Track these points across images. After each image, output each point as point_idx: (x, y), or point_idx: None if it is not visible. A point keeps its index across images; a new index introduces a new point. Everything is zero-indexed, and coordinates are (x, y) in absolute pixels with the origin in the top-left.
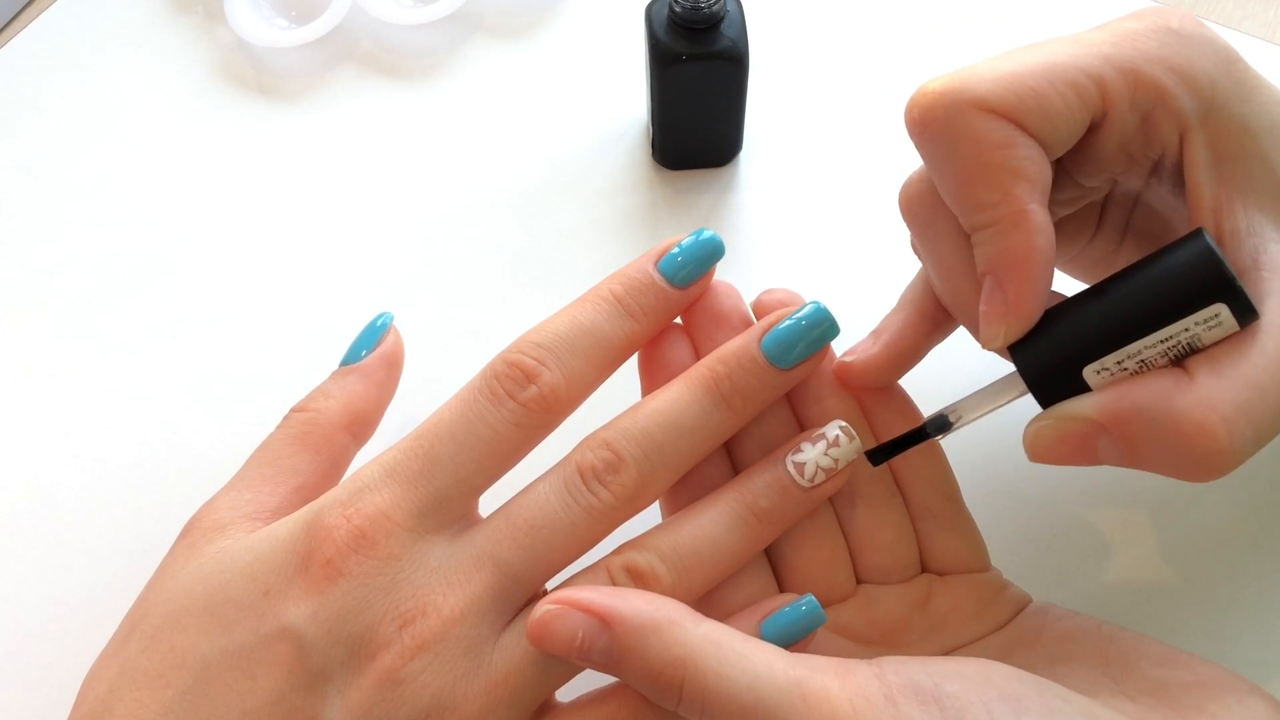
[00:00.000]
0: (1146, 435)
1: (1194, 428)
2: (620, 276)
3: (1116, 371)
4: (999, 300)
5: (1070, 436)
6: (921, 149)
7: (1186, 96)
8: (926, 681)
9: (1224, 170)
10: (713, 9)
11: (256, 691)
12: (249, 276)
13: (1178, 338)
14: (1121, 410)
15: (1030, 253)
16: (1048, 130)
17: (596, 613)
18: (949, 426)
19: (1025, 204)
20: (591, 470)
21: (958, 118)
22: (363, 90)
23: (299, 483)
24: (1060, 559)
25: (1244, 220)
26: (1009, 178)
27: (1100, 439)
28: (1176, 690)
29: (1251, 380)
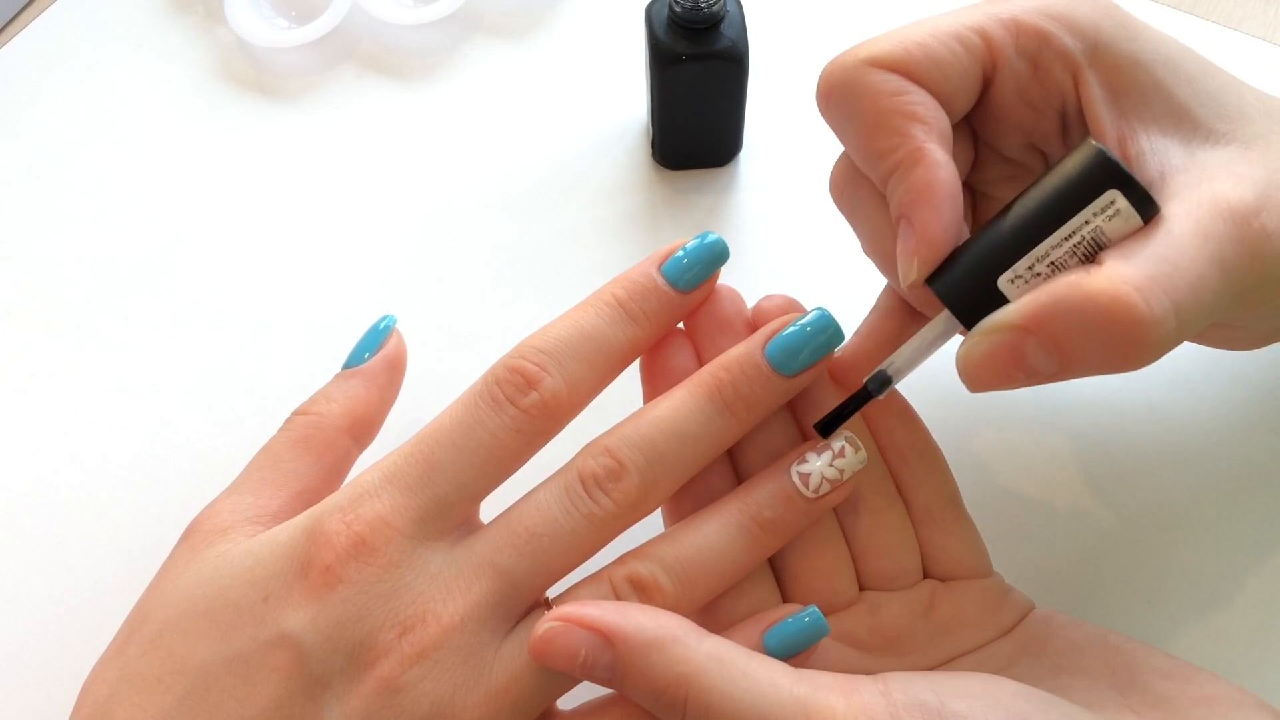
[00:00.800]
0: (1069, 326)
1: (1110, 300)
2: (623, 280)
3: (1030, 278)
4: (909, 236)
5: (999, 350)
6: (828, 118)
7: (1070, 37)
8: (932, 700)
9: (1120, 103)
10: (713, 9)
11: (256, 698)
12: (249, 277)
13: (1081, 233)
14: (1040, 307)
15: (931, 184)
16: (939, 79)
17: (599, 630)
18: (889, 380)
19: (922, 143)
20: (593, 477)
21: (853, 76)
22: (363, 90)
23: (300, 487)
24: (1059, 562)
25: (1146, 143)
26: (904, 121)
27: (1028, 344)
28: (1183, 705)
29: (1160, 255)
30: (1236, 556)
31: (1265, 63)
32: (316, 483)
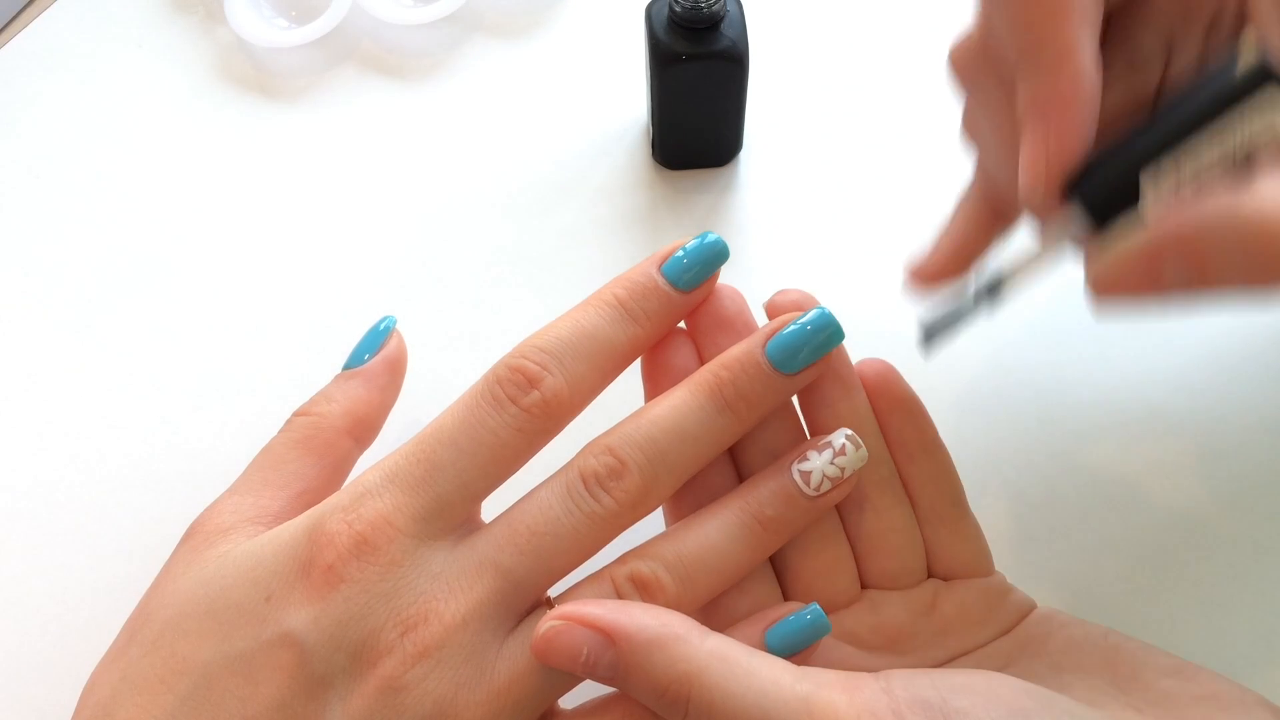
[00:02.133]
0: (1213, 244)
1: (1261, 222)
2: (624, 280)
3: (1176, 179)
4: (1041, 135)
5: (1136, 260)
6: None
7: None
8: (934, 696)
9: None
10: (713, 9)
11: (258, 697)
12: (250, 277)
13: (1232, 139)
14: (1184, 221)
15: (1076, 86)
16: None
17: (601, 628)
18: (999, 288)
19: (1074, 36)
20: (594, 476)
21: None
22: (363, 90)
23: (301, 487)
24: (1061, 561)
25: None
26: (1060, 7)
27: (1166, 258)
28: (1184, 702)
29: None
30: (1238, 556)
31: None
32: (317, 483)
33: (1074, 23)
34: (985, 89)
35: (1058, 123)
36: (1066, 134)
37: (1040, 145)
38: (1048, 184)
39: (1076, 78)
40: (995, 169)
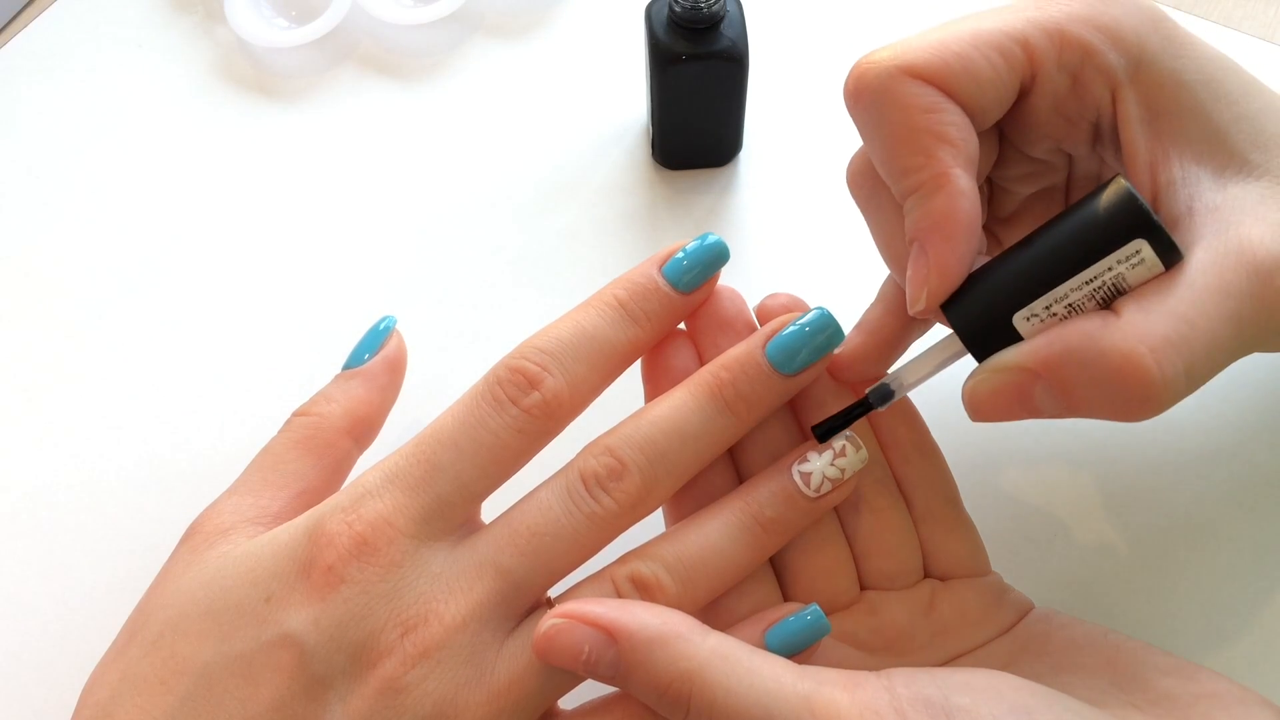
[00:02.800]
0: (1078, 377)
1: (1122, 360)
2: (624, 281)
3: (1045, 318)
4: (923, 263)
5: (1006, 388)
6: (856, 119)
7: (1114, 53)
8: (936, 694)
9: (1157, 124)
10: (713, 9)
11: (258, 698)
12: (249, 277)
13: (1102, 278)
14: (1052, 354)
15: (952, 214)
16: (975, 94)
17: (603, 626)
18: (891, 394)
19: (948, 168)
20: (594, 477)
21: (887, 84)
22: (363, 90)
23: (301, 487)
24: (1059, 561)
25: (1179, 171)
26: (933, 142)
27: (1035, 387)
28: (1185, 701)
29: (1179, 314)
30: (1237, 556)
31: (1265, 63)
32: (317, 483)
33: (945, 156)
34: (879, 206)
35: (935, 249)
36: (945, 258)
37: (921, 269)
38: (929, 305)
39: (950, 206)
40: (886, 258)
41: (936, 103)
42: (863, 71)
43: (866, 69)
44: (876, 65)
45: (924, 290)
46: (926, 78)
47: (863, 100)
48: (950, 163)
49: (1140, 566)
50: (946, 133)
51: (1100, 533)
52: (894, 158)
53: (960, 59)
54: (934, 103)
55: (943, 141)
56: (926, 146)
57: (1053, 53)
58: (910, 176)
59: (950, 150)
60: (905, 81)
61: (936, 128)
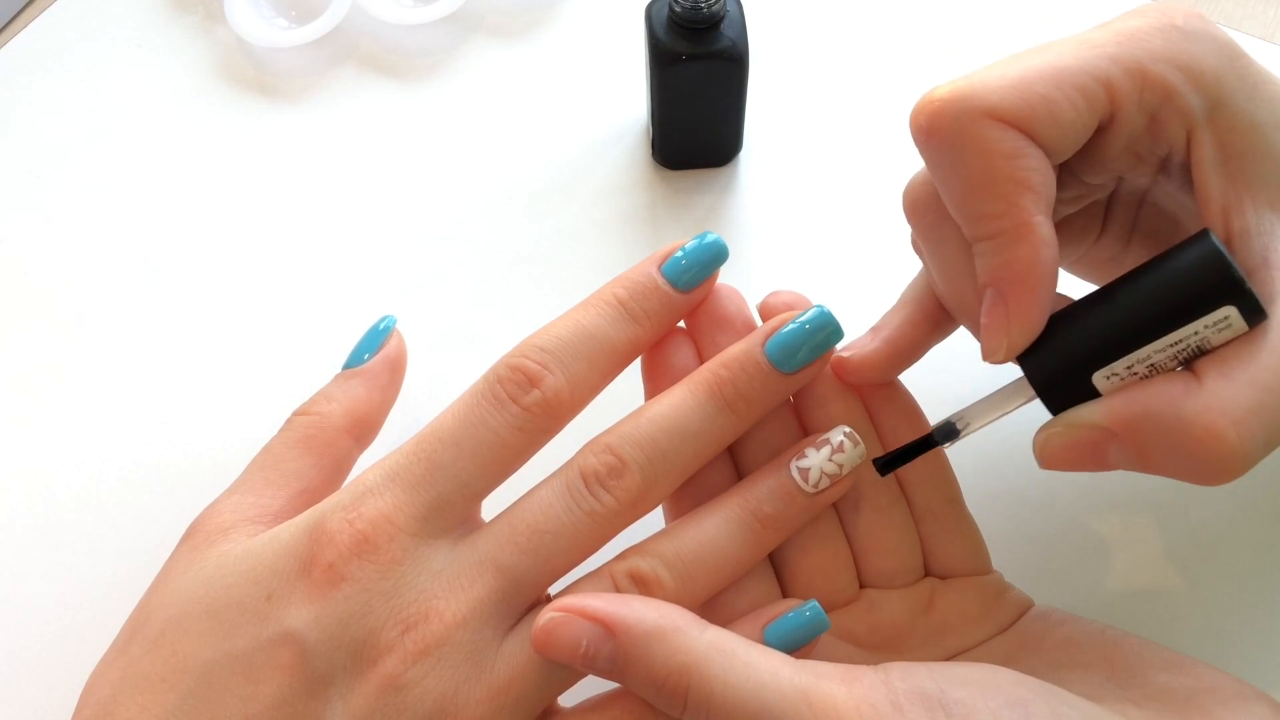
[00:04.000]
0: (1157, 441)
1: (1204, 432)
2: (623, 280)
3: (1126, 376)
4: (1001, 314)
5: (1081, 444)
6: (927, 157)
7: (1193, 94)
8: (933, 688)
9: (1232, 167)
10: (713, 9)
11: (259, 696)
12: (249, 277)
13: (1187, 341)
14: (1131, 416)
15: (1034, 266)
16: (1056, 136)
17: (601, 620)
18: (956, 434)
19: (1031, 216)
20: (594, 474)
21: (967, 126)
22: (363, 90)
23: (302, 486)
24: (1060, 561)
25: (1253, 218)
26: (1015, 189)
27: (1111, 445)
28: (1182, 696)
29: (1261, 382)
30: (1237, 556)
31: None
32: (318, 482)
33: (1028, 204)
34: (943, 239)
35: (1017, 300)
36: (1028, 310)
37: (1000, 319)
38: (1007, 357)
39: (1034, 257)
40: (943, 292)
41: (1019, 148)
42: (938, 110)
43: (943, 106)
44: (955, 104)
45: (1003, 342)
46: (1010, 121)
47: (938, 139)
48: (1033, 211)
49: (1141, 566)
50: (1030, 179)
51: (1102, 533)
52: (971, 202)
53: (1044, 101)
54: (1017, 148)
55: (1026, 189)
56: (1009, 194)
57: (1134, 94)
58: (989, 223)
59: (1033, 198)
60: (986, 125)
61: (1019, 174)
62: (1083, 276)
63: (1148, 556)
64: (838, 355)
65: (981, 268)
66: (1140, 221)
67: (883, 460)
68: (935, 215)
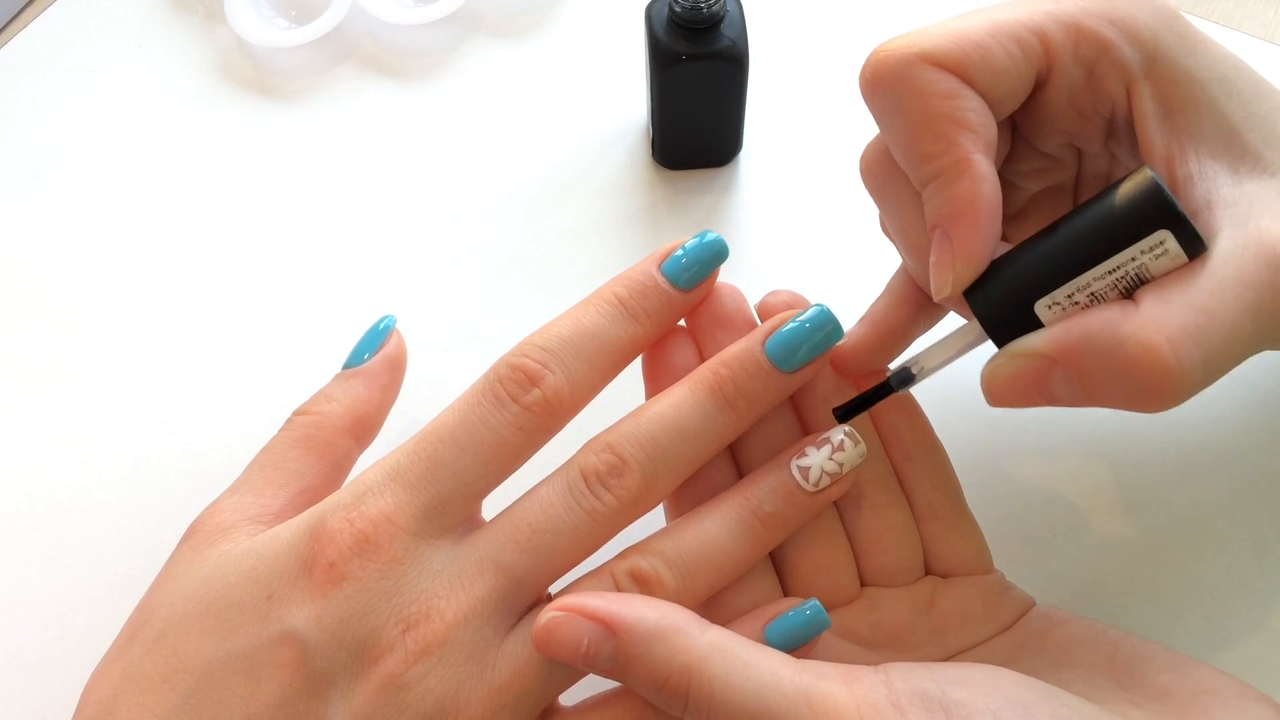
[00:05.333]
0: (1096, 365)
1: (1140, 349)
2: (624, 279)
3: (1068, 306)
4: (947, 249)
5: (1024, 373)
6: (872, 106)
7: (1129, 47)
8: (934, 689)
9: (1173, 120)
10: (713, 9)
11: (260, 695)
12: (249, 277)
13: (1125, 268)
14: (1070, 341)
15: (974, 199)
16: (992, 83)
17: (602, 619)
18: (912, 378)
19: (969, 153)
20: (595, 474)
21: (905, 71)
22: (363, 90)
23: (302, 486)
24: (1060, 561)
25: (1195, 166)
26: (953, 127)
27: (1054, 374)
28: (1183, 696)
29: (1199, 305)
30: (1237, 555)
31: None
32: (318, 482)
33: (965, 142)
34: (895, 194)
35: (960, 234)
36: (970, 243)
37: (946, 255)
38: (954, 290)
39: (974, 191)
40: (903, 251)
41: (955, 89)
42: (880, 59)
43: (884, 56)
44: (895, 53)
45: (949, 276)
46: (945, 65)
47: (880, 87)
48: (971, 148)
49: (1141, 566)
50: (966, 119)
51: (1102, 532)
52: (913, 144)
53: (979, 48)
54: (953, 89)
55: (963, 127)
56: (946, 132)
57: (1069, 46)
58: (931, 163)
59: (970, 136)
60: (924, 68)
61: (956, 113)
62: None
63: (1148, 556)
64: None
65: (929, 212)
66: None
67: (841, 409)
68: (886, 172)
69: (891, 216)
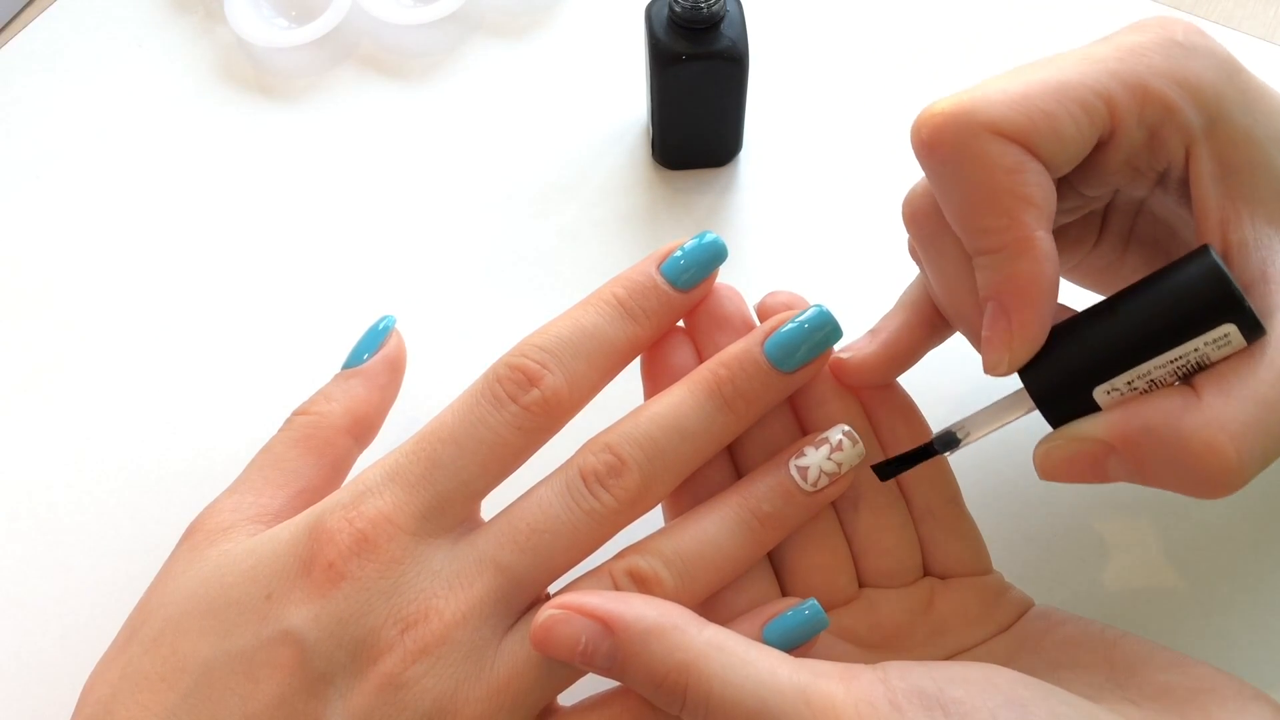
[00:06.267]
0: (1156, 455)
1: (1203, 448)
2: (623, 279)
3: (1126, 391)
4: (1004, 328)
5: (1081, 457)
6: (929, 170)
7: (1193, 110)
8: (931, 687)
9: (1230, 182)
10: (713, 9)
11: (258, 695)
12: (249, 277)
13: (1187, 357)
14: (1130, 431)
15: (1036, 281)
16: (1057, 151)
17: (600, 618)
18: (956, 444)
19: (1032, 231)
20: (594, 474)
21: (968, 141)
22: (363, 90)
23: (301, 486)
24: (1059, 561)
25: (1251, 232)
26: (1017, 204)
27: (1110, 459)
28: (1181, 695)
29: (1259, 397)
30: (1237, 555)
31: (1265, 63)
32: (317, 481)
33: (1029, 219)
34: (943, 251)
35: (1020, 315)
36: (1029, 324)
37: (1003, 333)
38: (1009, 370)
39: (1036, 272)
40: (942, 301)
41: (1021, 163)
42: (940, 124)
43: (944, 122)
44: (956, 118)
45: (1005, 355)
46: (1010, 136)
47: (939, 154)
48: (1034, 225)
49: (1142, 566)
50: (1031, 194)
51: (1102, 532)
52: (973, 217)
53: (1046, 117)
54: (1019, 163)
55: (1028, 204)
56: (1010, 208)
57: (1134, 109)
58: (990, 237)
59: (1034, 213)
60: (988, 140)
61: (1021, 189)
62: (1079, 283)
63: (1148, 556)
64: (836, 357)
65: (983, 281)
66: (1137, 229)
67: (883, 467)
68: (935, 226)
69: (936, 272)
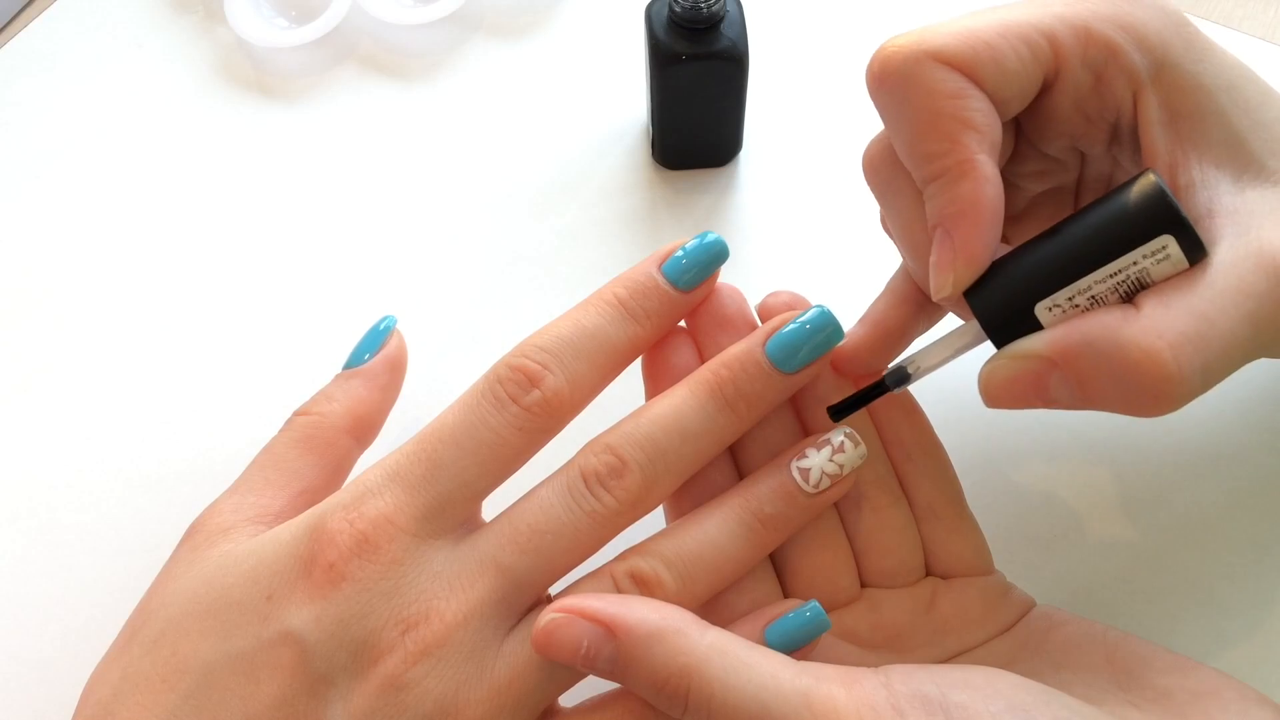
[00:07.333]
0: (1095, 368)
1: (1141, 355)
2: (624, 280)
3: (1067, 308)
4: (948, 249)
5: (1022, 375)
6: (878, 102)
7: (1138, 53)
8: (934, 691)
9: (1178, 126)
10: (713, 9)
11: (259, 696)
12: (250, 277)
13: (1126, 272)
14: (1070, 344)
15: (977, 199)
16: (1000, 83)
17: (602, 621)
18: (908, 378)
19: (973, 153)
20: (595, 475)
21: (913, 68)
22: (363, 90)
23: (302, 486)
24: (1060, 561)
25: (1198, 173)
26: (958, 127)
27: (1052, 376)
28: (1183, 698)
29: (1199, 311)
30: (1236, 556)
31: (1265, 63)
32: (318, 482)
33: (970, 142)
34: (898, 191)
35: (962, 234)
36: (972, 244)
37: (947, 255)
38: (954, 291)
39: (977, 192)
40: (903, 249)
41: (963, 88)
42: (888, 55)
43: (892, 53)
44: (903, 49)
45: (949, 276)
46: (953, 64)
47: (887, 84)
48: (975, 149)
49: (1141, 566)
50: (972, 119)
51: (1102, 532)
52: (918, 142)
53: (988, 47)
54: (960, 88)
55: (968, 127)
56: (952, 132)
57: (1078, 49)
58: (934, 162)
59: (976, 136)
60: (932, 66)
61: (962, 113)
62: None
63: (1148, 557)
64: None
65: (930, 210)
66: None
67: (836, 407)
68: (890, 169)
69: (893, 214)
